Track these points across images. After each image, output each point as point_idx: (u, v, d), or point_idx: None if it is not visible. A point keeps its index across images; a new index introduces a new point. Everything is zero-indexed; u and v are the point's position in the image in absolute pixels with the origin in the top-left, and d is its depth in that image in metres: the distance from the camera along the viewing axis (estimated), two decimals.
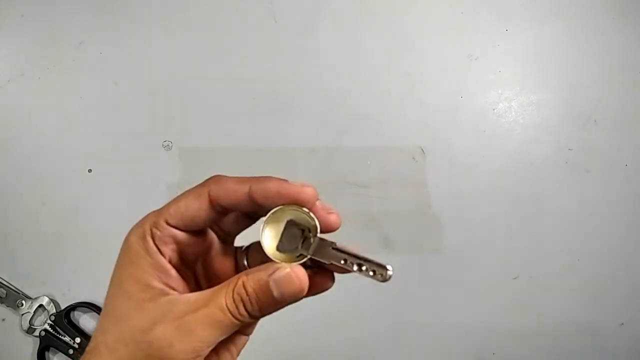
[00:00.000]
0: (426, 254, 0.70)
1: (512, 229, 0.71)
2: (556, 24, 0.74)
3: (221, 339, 0.30)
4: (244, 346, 0.35)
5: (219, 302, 0.29)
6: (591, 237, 0.71)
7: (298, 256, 0.31)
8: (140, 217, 0.33)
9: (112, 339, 0.30)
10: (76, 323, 0.69)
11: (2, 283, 0.69)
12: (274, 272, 0.30)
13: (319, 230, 0.31)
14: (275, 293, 0.30)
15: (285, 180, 0.31)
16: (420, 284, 0.61)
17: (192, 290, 0.32)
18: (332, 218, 0.32)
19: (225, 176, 0.32)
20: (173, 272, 0.32)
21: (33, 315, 0.68)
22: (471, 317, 0.70)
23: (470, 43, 0.73)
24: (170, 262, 0.32)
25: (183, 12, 0.74)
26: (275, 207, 0.31)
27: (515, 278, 0.71)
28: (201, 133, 0.72)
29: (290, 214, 0.31)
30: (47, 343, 0.68)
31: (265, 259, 0.31)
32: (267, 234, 0.31)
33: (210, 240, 0.34)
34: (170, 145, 0.71)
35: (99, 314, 0.68)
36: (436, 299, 0.59)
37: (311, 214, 0.31)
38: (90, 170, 0.71)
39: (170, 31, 0.73)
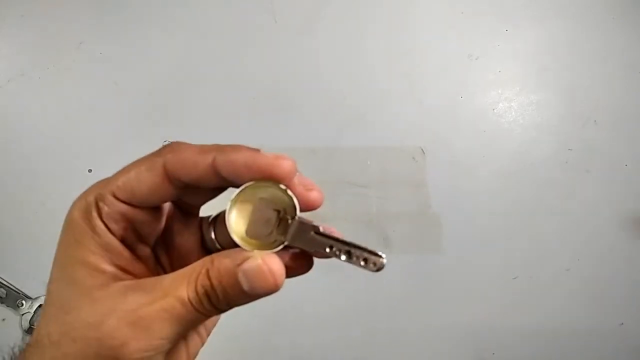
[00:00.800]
0: (426, 253, 0.70)
1: (511, 229, 0.71)
2: (556, 24, 0.74)
3: (184, 333, 0.26)
4: (214, 325, 0.30)
5: (180, 294, 0.24)
6: (591, 237, 0.71)
7: (273, 242, 0.25)
8: None
9: (56, 331, 0.25)
10: None
11: (2, 283, 0.69)
12: (243, 261, 0.24)
13: (298, 211, 0.25)
14: (245, 287, 0.24)
15: (257, 150, 0.25)
16: (420, 284, 0.61)
17: (152, 272, 0.28)
18: (313, 195, 0.26)
19: (185, 143, 0.26)
20: (126, 252, 0.27)
21: (33, 315, 0.68)
22: (471, 317, 0.70)
23: (470, 43, 0.73)
24: (122, 241, 0.27)
25: (183, 12, 0.73)
26: (245, 183, 0.25)
27: (515, 278, 0.71)
28: (201, 132, 0.71)
29: (263, 191, 0.25)
30: None
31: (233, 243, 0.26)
32: (234, 216, 0.26)
33: (169, 213, 0.29)
34: None
35: None
36: (436, 299, 0.59)
37: (288, 192, 0.25)
38: (90, 170, 0.71)
39: (170, 31, 0.73)
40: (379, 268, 0.24)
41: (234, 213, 0.26)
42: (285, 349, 0.69)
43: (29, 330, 0.68)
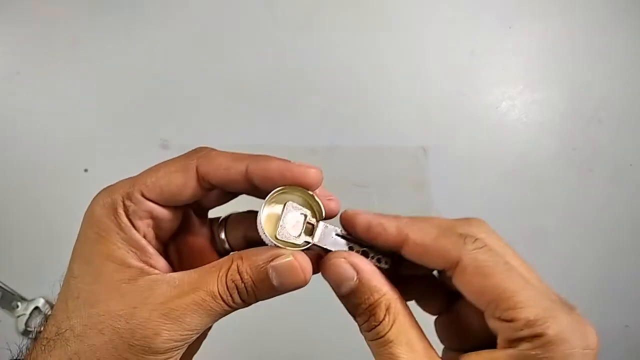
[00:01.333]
0: None
1: (515, 228, 0.70)
2: (560, 22, 0.73)
3: (210, 325, 0.27)
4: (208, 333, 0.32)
5: (210, 288, 0.26)
6: (595, 236, 0.70)
7: (299, 242, 0.28)
8: None
9: (80, 324, 0.26)
10: None
11: None
12: (273, 258, 0.26)
13: (324, 215, 0.28)
14: (275, 282, 0.26)
15: (287, 161, 0.28)
16: None
17: (167, 267, 0.30)
18: (333, 204, 0.29)
19: (216, 150, 0.29)
20: (150, 249, 0.28)
21: (29, 317, 0.68)
22: None
23: (473, 41, 0.73)
24: (145, 237, 0.28)
25: (180, 11, 0.73)
26: (276, 188, 0.27)
27: None
28: (199, 132, 0.71)
29: (291, 196, 0.28)
30: None
31: (255, 240, 0.29)
32: (265, 218, 0.28)
33: (186, 213, 0.31)
34: (167, 144, 0.70)
35: None
36: None
37: (316, 197, 0.28)
38: (86, 170, 0.70)
39: (167, 29, 0.72)
40: (391, 265, 0.28)
41: (265, 215, 0.28)
42: (285, 349, 0.69)
43: (25, 332, 0.67)
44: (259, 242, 0.29)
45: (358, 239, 0.28)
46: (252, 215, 0.31)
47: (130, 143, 0.70)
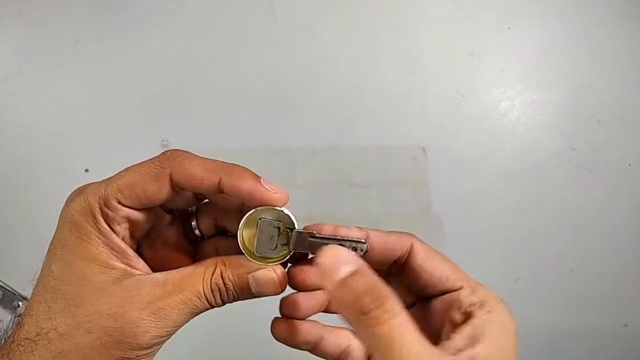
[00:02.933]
0: None
1: (514, 229, 0.70)
2: (559, 22, 0.73)
3: (188, 321, 0.30)
4: None
5: (196, 289, 0.29)
6: (595, 237, 0.70)
7: (279, 253, 0.31)
8: None
9: (64, 324, 0.27)
10: None
11: None
12: (254, 270, 0.30)
13: (296, 225, 0.31)
14: (254, 289, 0.30)
15: (258, 179, 0.29)
16: None
17: (146, 268, 0.31)
18: (277, 196, 0.30)
19: (187, 154, 0.30)
20: (130, 251, 0.30)
21: None
22: None
23: (472, 41, 0.73)
24: (123, 240, 0.30)
25: (181, 11, 0.73)
26: (248, 210, 0.30)
27: (518, 279, 0.70)
28: (199, 132, 0.71)
29: (263, 213, 0.31)
30: None
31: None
32: (243, 237, 0.31)
33: (157, 212, 0.33)
34: (168, 144, 0.71)
35: None
36: None
37: (285, 211, 0.31)
38: (87, 170, 0.70)
39: (167, 29, 0.72)
40: (365, 252, 0.31)
41: (243, 235, 0.31)
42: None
43: None
44: (227, 229, 0.33)
45: (332, 236, 0.31)
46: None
47: (130, 143, 0.70)
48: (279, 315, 0.32)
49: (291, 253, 0.31)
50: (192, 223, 0.34)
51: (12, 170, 0.70)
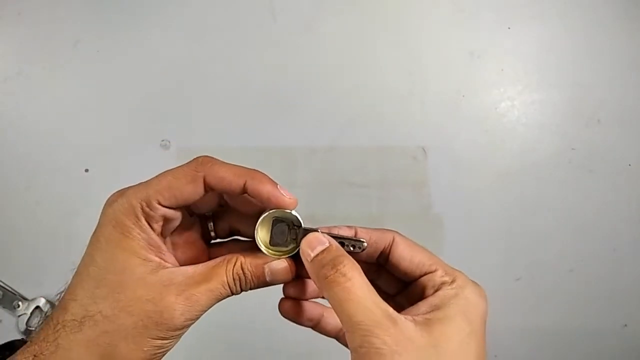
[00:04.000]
0: None
1: (514, 229, 0.70)
2: (559, 23, 0.73)
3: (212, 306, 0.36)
4: None
5: (221, 279, 0.34)
6: (595, 237, 0.70)
7: (289, 246, 0.37)
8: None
9: (109, 308, 0.32)
10: None
11: None
12: (270, 261, 0.36)
13: (302, 223, 0.36)
14: (268, 278, 0.36)
15: (274, 185, 0.35)
16: None
17: (175, 262, 0.36)
18: (288, 201, 0.35)
19: (217, 162, 0.35)
20: (163, 246, 0.35)
21: (30, 316, 0.68)
22: None
23: (472, 41, 0.73)
24: (158, 236, 0.35)
25: (181, 11, 0.73)
26: (265, 211, 0.36)
27: (518, 279, 0.70)
28: (199, 132, 0.71)
29: (276, 213, 0.37)
30: None
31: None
32: (259, 234, 0.37)
33: (184, 213, 0.37)
34: (168, 144, 0.71)
35: None
36: None
37: (293, 212, 0.36)
38: (87, 170, 0.70)
39: (167, 30, 0.72)
40: (363, 249, 0.36)
41: (259, 231, 0.36)
42: (286, 346, 0.69)
43: (26, 332, 0.67)
44: (241, 232, 0.40)
45: (334, 234, 0.36)
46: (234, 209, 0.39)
47: (130, 143, 0.71)
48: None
49: (298, 248, 0.36)
50: (210, 225, 0.40)
51: (12, 170, 0.70)
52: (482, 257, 0.70)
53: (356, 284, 0.31)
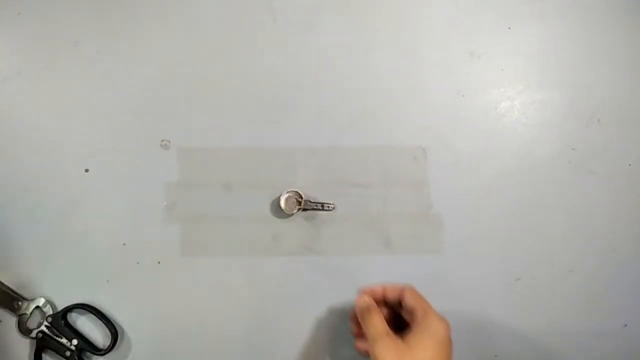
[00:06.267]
0: (427, 254, 0.70)
1: (514, 229, 0.70)
2: (559, 22, 0.73)
3: None
4: None
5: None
6: (594, 237, 0.70)
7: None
8: (137, 217, 0.33)
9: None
10: (73, 325, 0.69)
11: None
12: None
13: None
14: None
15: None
16: (421, 284, 0.61)
17: None
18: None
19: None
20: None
21: (30, 316, 0.68)
22: (472, 318, 0.69)
23: (472, 41, 0.73)
24: None
25: (181, 11, 0.73)
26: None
27: (517, 279, 0.70)
28: (199, 132, 0.71)
29: None
30: (43, 345, 0.67)
31: None
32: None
33: None
34: (168, 144, 0.71)
35: (95, 315, 0.68)
36: (437, 300, 0.58)
37: None
38: (87, 170, 0.70)
39: (167, 29, 0.72)
40: (333, 208, 0.62)
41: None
42: (286, 349, 0.69)
43: (26, 332, 0.67)
44: None
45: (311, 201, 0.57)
46: None
47: (130, 143, 0.71)
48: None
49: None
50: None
51: (11, 170, 0.70)
52: (482, 257, 0.70)
53: (380, 329, 0.56)
